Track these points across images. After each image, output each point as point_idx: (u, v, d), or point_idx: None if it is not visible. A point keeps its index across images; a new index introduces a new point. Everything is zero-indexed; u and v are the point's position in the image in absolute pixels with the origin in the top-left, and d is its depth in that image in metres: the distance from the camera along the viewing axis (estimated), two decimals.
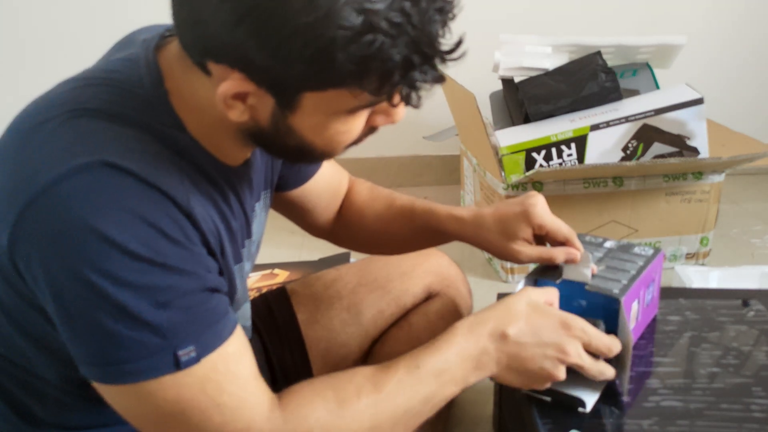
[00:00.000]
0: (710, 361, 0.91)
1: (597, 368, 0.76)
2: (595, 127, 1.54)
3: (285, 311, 1.02)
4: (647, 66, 1.72)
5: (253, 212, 0.78)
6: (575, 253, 0.85)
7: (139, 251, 0.57)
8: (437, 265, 1.07)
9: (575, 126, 1.55)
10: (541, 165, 1.56)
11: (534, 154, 1.55)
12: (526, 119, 1.63)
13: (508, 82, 1.70)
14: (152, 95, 0.63)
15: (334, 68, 0.54)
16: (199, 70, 0.61)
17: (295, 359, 1.00)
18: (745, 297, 1.06)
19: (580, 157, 1.56)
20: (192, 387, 0.61)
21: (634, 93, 1.66)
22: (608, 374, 0.77)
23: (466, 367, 0.73)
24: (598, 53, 1.61)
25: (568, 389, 0.80)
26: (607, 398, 0.82)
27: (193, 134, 0.65)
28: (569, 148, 1.55)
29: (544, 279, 0.86)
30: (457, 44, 0.58)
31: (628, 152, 1.57)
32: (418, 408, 0.71)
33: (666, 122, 1.55)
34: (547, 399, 0.81)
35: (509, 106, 1.71)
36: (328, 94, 0.57)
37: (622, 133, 1.55)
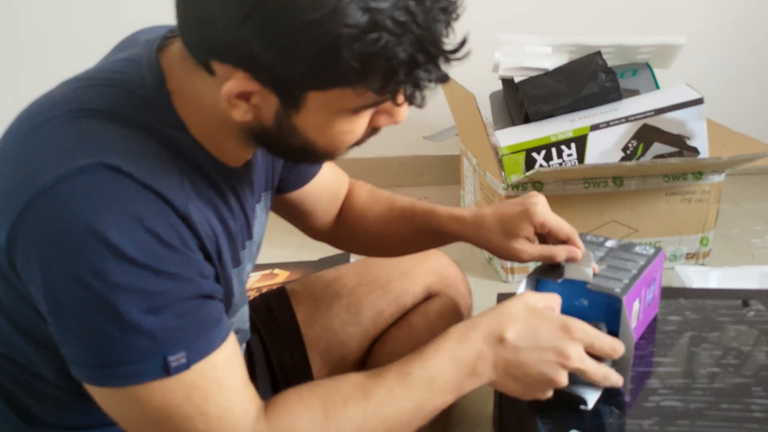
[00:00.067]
0: (710, 361, 0.91)
1: (601, 372, 0.73)
2: (595, 127, 1.54)
3: (285, 311, 1.02)
4: (647, 66, 1.72)
5: (254, 213, 0.78)
6: (576, 251, 0.85)
7: (134, 255, 0.57)
8: (437, 265, 1.07)
9: (575, 126, 1.55)
10: (541, 165, 1.56)
11: (534, 154, 1.55)
12: (526, 119, 1.63)
13: (508, 82, 1.70)
14: (154, 96, 0.63)
15: (339, 66, 0.54)
16: (203, 70, 0.61)
17: (295, 359, 1.00)
18: (745, 297, 1.06)
19: (580, 157, 1.56)
20: (178, 394, 0.61)
21: (634, 93, 1.66)
22: (613, 379, 0.75)
23: (460, 373, 0.70)
24: (598, 53, 1.61)
25: (569, 386, 0.80)
26: (608, 398, 0.81)
27: (195, 135, 0.65)
28: (569, 148, 1.55)
29: (546, 278, 0.86)
30: (461, 44, 0.58)
31: (628, 152, 1.56)
32: (409, 417, 0.69)
33: (666, 122, 1.55)
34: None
35: (509, 106, 1.71)
36: (332, 93, 0.57)
37: (622, 133, 1.55)
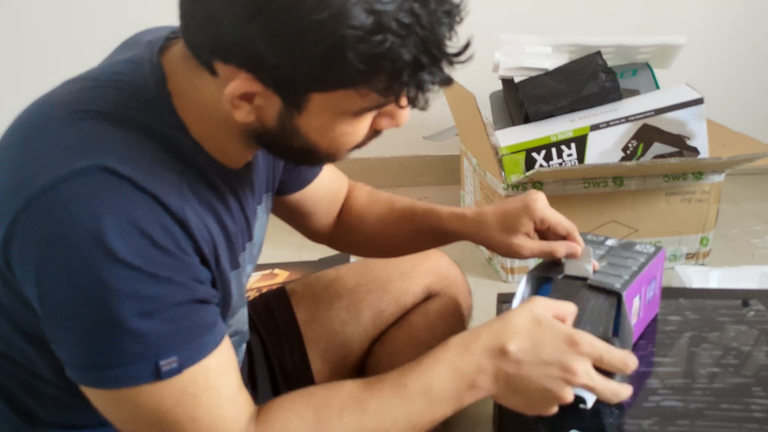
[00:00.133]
0: (710, 361, 0.91)
1: (610, 389, 0.68)
2: (595, 127, 1.54)
3: (285, 311, 1.02)
4: (647, 66, 1.72)
5: (254, 215, 0.78)
6: (576, 247, 0.86)
7: (129, 259, 0.57)
8: (437, 265, 1.07)
9: (575, 126, 1.55)
10: (541, 165, 1.56)
11: (534, 154, 1.55)
12: (526, 119, 1.63)
13: (508, 82, 1.70)
14: (155, 97, 0.63)
15: (344, 67, 0.54)
16: (205, 71, 0.61)
17: (295, 359, 1.00)
18: (745, 297, 1.06)
19: (580, 157, 1.56)
20: (169, 398, 0.61)
21: (634, 93, 1.66)
22: (624, 395, 0.69)
23: (459, 386, 0.68)
24: (598, 53, 1.61)
25: None
26: None
27: (195, 136, 0.65)
28: (569, 148, 1.55)
29: (546, 275, 0.87)
30: (465, 47, 0.58)
31: (628, 152, 1.56)
32: (405, 429, 0.68)
33: (666, 122, 1.55)
34: None
35: (509, 106, 1.71)
36: (335, 95, 0.57)
37: (622, 133, 1.55)
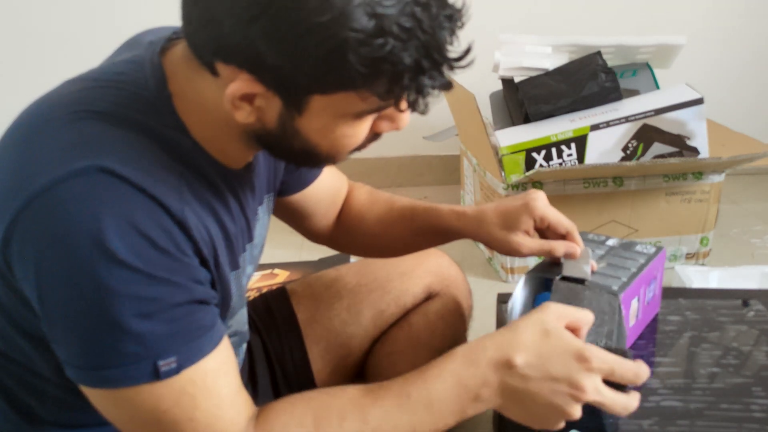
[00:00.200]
0: (710, 361, 0.91)
1: (620, 403, 0.66)
2: (595, 127, 1.54)
3: (285, 311, 1.02)
4: (647, 66, 1.72)
5: (255, 216, 0.78)
6: (575, 248, 0.86)
7: (127, 259, 0.57)
8: (437, 265, 1.07)
9: (575, 126, 1.55)
10: (541, 165, 1.56)
11: (534, 154, 1.55)
12: (526, 119, 1.63)
13: (508, 82, 1.70)
14: (156, 98, 0.63)
15: (345, 70, 0.54)
16: (206, 72, 0.61)
17: (295, 359, 1.00)
18: (745, 297, 1.06)
19: (580, 157, 1.56)
20: (167, 399, 0.61)
21: (634, 93, 1.66)
22: (633, 407, 0.68)
23: (463, 398, 0.66)
24: (598, 53, 1.61)
25: None
26: None
27: (196, 137, 0.65)
28: (569, 148, 1.55)
29: (545, 276, 0.87)
30: (466, 52, 0.58)
31: (628, 152, 1.56)
32: None
33: (666, 122, 1.55)
34: None
35: (509, 106, 1.71)
36: (336, 97, 0.57)
37: (622, 133, 1.55)
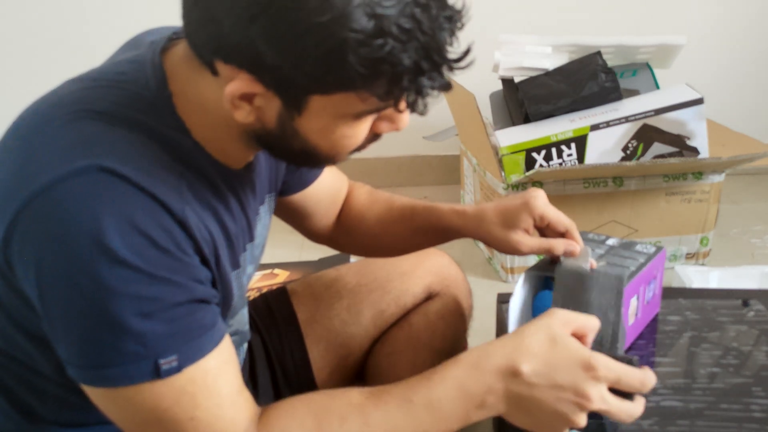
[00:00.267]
0: (710, 361, 0.91)
1: (626, 411, 0.66)
2: (595, 127, 1.54)
3: (285, 311, 1.02)
4: (647, 66, 1.72)
5: (256, 216, 0.78)
6: (575, 246, 0.85)
7: (127, 258, 0.57)
8: (437, 265, 1.07)
9: (575, 126, 1.55)
10: (541, 165, 1.56)
11: (534, 154, 1.55)
12: (526, 119, 1.63)
13: (508, 82, 1.70)
14: (156, 98, 0.63)
15: (344, 70, 0.54)
16: (206, 71, 0.61)
17: (296, 359, 1.00)
18: (745, 297, 1.06)
19: (580, 157, 1.56)
20: (168, 397, 0.61)
21: (634, 93, 1.66)
22: (638, 413, 0.67)
23: (467, 405, 0.66)
24: (598, 53, 1.61)
25: None
26: None
27: (196, 137, 0.65)
28: (569, 148, 1.55)
29: (544, 274, 0.87)
30: (465, 53, 0.58)
31: (628, 152, 1.57)
32: None
33: (666, 122, 1.55)
34: None
35: (509, 106, 1.71)
36: (335, 97, 0.57)
37: (622, 133, 1.55)
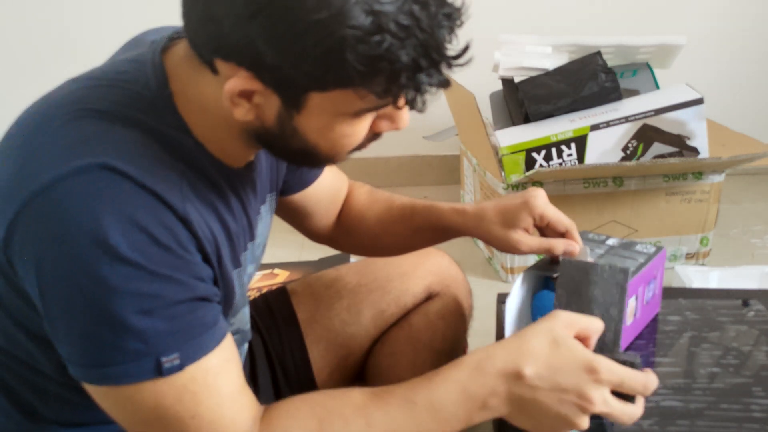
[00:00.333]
0: (710, 361, 0.91)
1: (628, 413, 0.66)
2: (595, 127, 1.54)
3: (285, 311, 1.02)
4: (647, 66, 1.72)
5: (257, 215, 0.78)
6: (574, 246, 0.85)
7: (129, 256, 0.57)
8: (437, 265, 1.07)
9: (575, 126, 1.55)
10: (541, 165, 1.56)
11: (534, 154, 1.55)
12: (526, 119, 1.63)
13: (508, 82, 1.70)
14: (157, 97, 0.63)
15: (343, 67, 0.54)
16: (206, 70, 0.61)
17: (296, 359, 1.00)
18: (745, 297, 1.06)
19: (580, 157, 1.56)
20: (169, 396, 0.61)
21: (634, 93, 1.66)
22: (639, 415, 0.68)
23: (469, 407, 0.66)
24: (598, 53, 1.61)
25: None
26: None
27: (197, 136, 0.65)
28: (569, 148, 1.55)
29: (543, 274, 0.87)
30: (464, 50, 0.58)
31: (628, 152, 1.57)
32: None
33: (666, 122, 1.55)
34: None
35: (509, 106, 1.71)
36: (334, 95, 0.57)
37: (622, 133, 1.55)
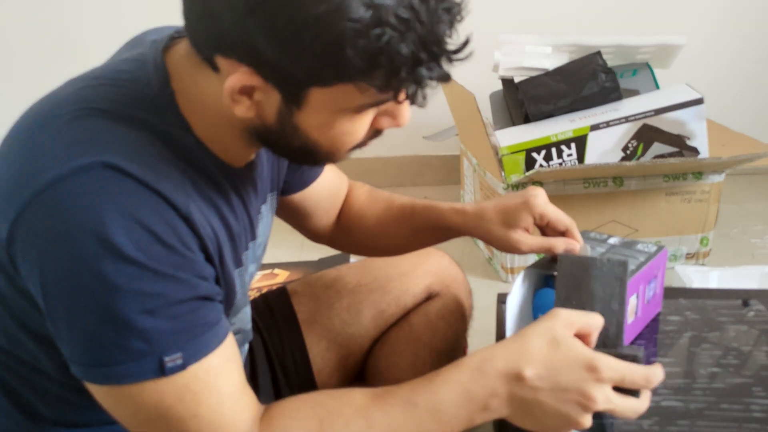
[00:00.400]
0: (710, 361, 0.91)
1: (630, 408, 0.66)
2: (595, 127, 1.54)
3: (285, 311, 1.02)
4: (647, 66, 1.72)
5: (258, 214, 0.78)
6: (574, 245, 0.85)
7: (132, 255, 0.57)
8: (437, 265, 1.07)
9: (575, 126, 1.55)
10: (541, 165, 1.56)
11: (534, 154, 1.55)
12: (526, 119, 1.63)
13: (508, 82, 1.70)
14: (158, 96, 0.63)
15: (343, 61, 0.54)
16: (207, 68, 0.61)
17: (296, 359, 1.00)
18: (745, 297, 1.06)
19: (580, 157, 1.56)
20: (171, 395, 0.61)
21: (634, 93, 1.66)
22: (644, 409, 0.67)
23: (470, 408, 0.66)
24: (598, 53, 1.61)
25: None
26: None
27: (198, 135, 0.65)
28: (569, 148, 1.55)
29: (543, 273, 0.87)
30: (464, 44, 0.58)
31: (628, 152, 1.57)
32: None
33: (666, 122, 1.55)
34: None
35: (509, 106, 1.71)
36: (334, 90, 0.57)
37: (622, 133, 1.55)
